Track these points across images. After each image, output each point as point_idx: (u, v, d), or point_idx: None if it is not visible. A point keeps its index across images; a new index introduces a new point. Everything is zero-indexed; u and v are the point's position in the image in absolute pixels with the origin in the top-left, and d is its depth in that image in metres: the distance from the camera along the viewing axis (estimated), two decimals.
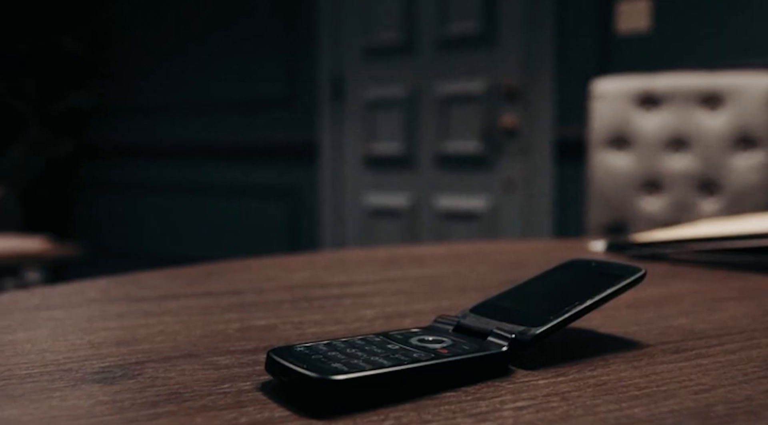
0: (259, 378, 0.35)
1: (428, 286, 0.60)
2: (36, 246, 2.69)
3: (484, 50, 2.71)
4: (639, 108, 1.63)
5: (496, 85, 2.69)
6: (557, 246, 0.84)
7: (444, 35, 2.80)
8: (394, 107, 2.94)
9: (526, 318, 0.40)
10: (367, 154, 3.03)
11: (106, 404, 0.32)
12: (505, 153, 2.69)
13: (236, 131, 3.42)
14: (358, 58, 3.03)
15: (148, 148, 3.75)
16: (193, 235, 3.63)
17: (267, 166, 3.33)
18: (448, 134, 2.81)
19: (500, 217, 2.72)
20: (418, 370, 0.33)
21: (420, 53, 2.87)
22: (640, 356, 0.39)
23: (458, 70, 2.77)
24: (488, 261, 0.73)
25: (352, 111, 3.06)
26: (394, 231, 2.97)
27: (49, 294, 0.57)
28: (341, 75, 3.07)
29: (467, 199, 2.79)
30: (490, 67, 2.69)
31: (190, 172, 3.61)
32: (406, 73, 2.90)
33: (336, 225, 3.14)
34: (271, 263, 0.73)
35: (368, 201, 3.04)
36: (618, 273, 0.43)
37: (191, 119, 3.58)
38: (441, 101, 2.82)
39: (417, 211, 2.92)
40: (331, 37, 3.07)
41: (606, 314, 0.50)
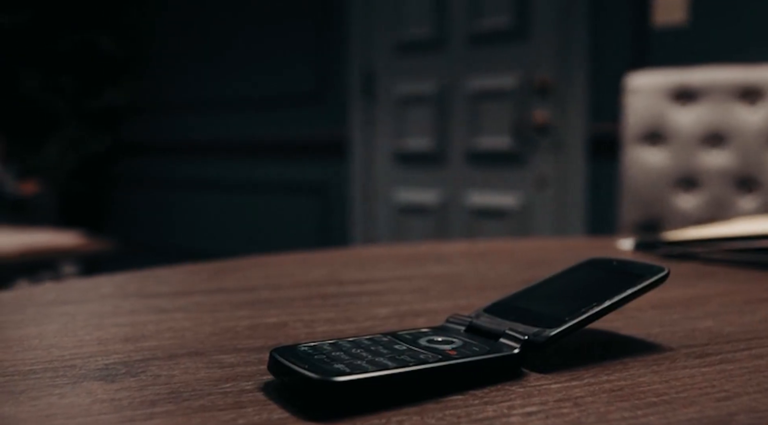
0: (262, 378, 0.35)
1: (446, 284, 0.59)
2: (71, 241, 2.74)
3: (517, 45, 2.67)
4: (674, 103, 1.59)
5: (528, 80, 2.65)
6: (584, 245, 0.82)
7: (476, 30, 2.78)
8: (424, 103, 2.93)
9: (541, 319, 0.38)
10: (397, 150, 3.02)
11: (105, 402, 0.31)
12: (537, 149, 2.65)
13: (267, 128, 3.43)
14: (389, 54, 3.01)
15: (181, 145, 3.79)
16: (224, 231, 3.66)
17: (298, 162, 3.34)
18: (480, 130, 2.78)
19: (532, 215, 2.68)
20: (424, 372, 0.32)
21: (451, 48, 2.85)
22: (661, 360, 0.37)
23: (490, 65, 2.74)
24: (511, 259, 0.72)
25: (383, 107, 3.05)
26: (425, 229, 2.96)
27: (64, 289, 0.57)
28: (372, 71, 3.06)
29: (498, 196, 2.76)
30: (523, 61, 2.66)
31: (221, 168, 3.64)
32: (437, 69, 2.88)
33: (366, 222, 3.14)
34: (291, 260, 0.72)
35: (398, 198, 3.03)
36: (640, 273, 0.41)
37: (223, 116, 3.61)
38: (472, 97, 2.79)
39: (447, 208, 2.90)
40: (362, 32, 3.06)
41: (629, 315, 0.48)
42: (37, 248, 2.61)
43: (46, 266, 2.65)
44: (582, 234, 2.55)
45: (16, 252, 2.52)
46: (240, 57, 3.52)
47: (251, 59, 3.47)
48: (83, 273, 2.77)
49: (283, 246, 3.39)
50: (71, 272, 2.73)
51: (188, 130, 3.77)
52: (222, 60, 3.59)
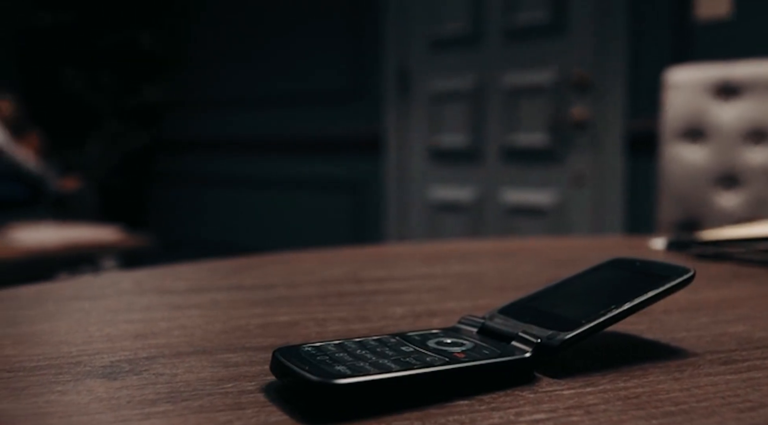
0: (265, 379, 0.34)
1: (467, 284, 0.57)
2: (110, 236, 2.79)
3: (554, 40, 2.63)
4: (716, 98, 1.55)
5: (565, 75, 2.61)
6: (615, 244, 0.79)
7: (512, 25, 2.74)
8: (460, 99, 2.90)
9: (557, 321, 0.36)
10: (432, 147, 3.00)
11: (104, 401, 0.31)
12: (574, 146, 2.60)
13: (303, 125, 3.44)
14: (424, 50, 2.99)
15: (219, 141, 3.83)
16: (260, 227, 3.69)
17: (333, 159, 3.35)
18: (516, 127, 2.75)
19: (568, 213, 2.64)
20: (428, 376, 0.31)
21: (487, 44, 2.82)
22: (684, 366, 0.36)
23: (526, 61, 2.71)
24: (537, 258, 0.70)
25: (418, 104, 3.03)
26: (459, 226, 2.93)
27: (84, 284, 0.57)
28: (407, 67, 3.04)
29: (534, 194, 2.72)
30: (560, 57, 2.62)
31: (258, 164, 3.67)
32: (473, 64, 2.86)
33: (400, 219, 3.13)
34: (313, 257, 0.71)
35: (433, 195, 3.01)
36: (664, 274, 0.39)
37: (259, 113, 3.63)
38: (508, 93, 2.76)
39: (482, 205, 2.87)
40: (397, 28, 3.05)
41: (654, 318, 0.46)
42: (78, 243, 2.66)
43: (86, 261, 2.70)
44: (620, 233, 2.50)
45: (58, 247, 2.57)
46: (277, 54, 3.53)
47: (287, 56, 3.49)
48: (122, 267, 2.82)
49: (317, 242, 3.40)
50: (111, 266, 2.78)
51: (225, 126, 3.80)
52: (259, 57, 3.61)
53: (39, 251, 2.51)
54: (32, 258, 2.47)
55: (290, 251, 0.73)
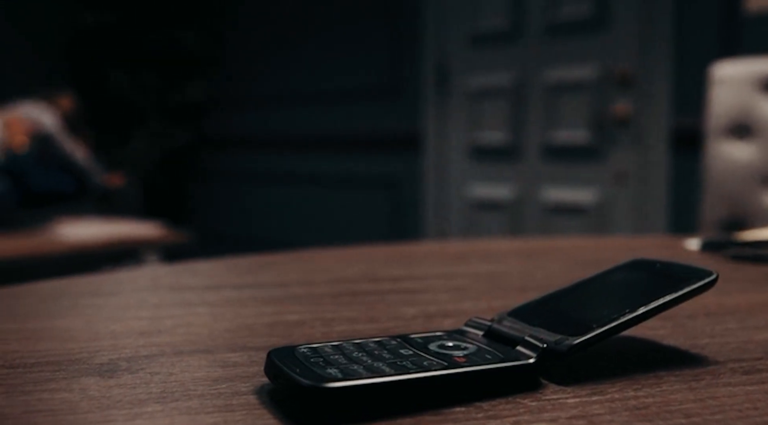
0: (261, 380, 0.33)
1: (487, 284, 0.56)
2: (152, 232, 2.83)
3: (596, 34, 2.57)
4: (764, 93, 1.49)
5: (608, 71, 2.55)
6: (647, 244, 0.77)
7: (553, 20, 2.69)
8: (500, 96, 2.86)
9: (567, 325, 0.35)
10: (471, 144, 2.97)
11: (94, 400, 0.30)
12: (616, 143, 2.55)
13: (342, 122, 3.45)
14: (464, 46, 2.96)
15: (259, 139, 3.86)
16: (299, 224, 3.71)
17: (371, 156, 3.34)
18: (557, 123, 2.70)
19: (610, 211, 2.58)
20: (423, 381, 0.30)
21: (528, 39, 2.77)
22: (702, 375, 0.34)
23: (568, 57, 2.66)
24: (563, 258, 0.68)
25: (457, 100, 3.00)
26: (498, 225, 2.90)
27: (103, 280, 0.57)
28: (446, 64, 3.02)
29: (575, 192, 2.67)
30: (603, 52, 2.56)
31: (297, 161, 3.69)
32: (513, 61, 2.82)
33: (439, 217, 3.11)
34: (333, 255, 0.71)
35: (472, 192, 2.98)
36: (684, 277, 0.37)
37: (299, 110, 3.65)
38: (549, 89, 2.71)
39: (522, 203, 2.83)
40: (436, 24, 3.02)
41: (677, 322, 0.44)
42: (120, 238, 2.71)
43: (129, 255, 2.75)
44: (663, 233, 2.44)
45: (101, 242, 2.63)
46: (316, 52, 3.54)
47: (327, 54, 3.49)
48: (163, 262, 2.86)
49: (356, 240, 3.41)
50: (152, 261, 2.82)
51: (265, 124, 3.83)
52: (298, 55, 3.63)
53: (83, 246, 2.56)
54: (76, 253, 2.52)
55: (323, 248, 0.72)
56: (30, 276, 0.58)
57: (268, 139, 3.82)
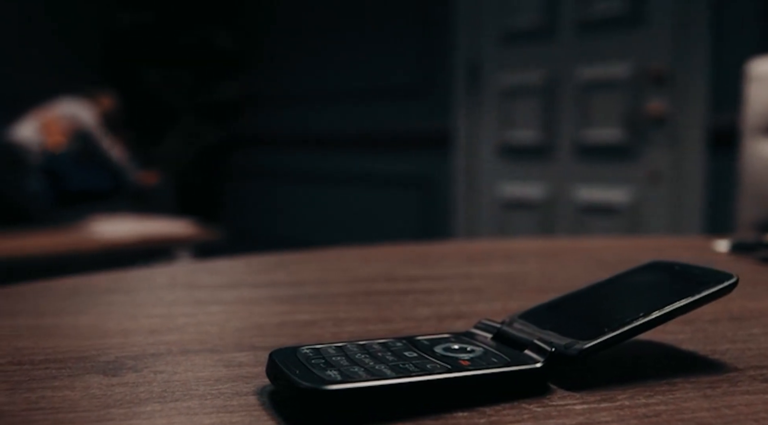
0: (264, 380, 0.33)
1: (505, 285, 0.55)
2: (184, 230, 2.87)
3: (631, 31, 2.53)
4: None
5: (642, 68, 2.51)
6: (674, 245, 0.75)
7: (587, 17, 2.65)
8: (532, 94, 2.83)
9: (578, 328, 0.34)
10: (502, 142, 2.95)
11: (95, 398, 0.30)
12: (651, 142, 2.50)
13: (373, 120, 3.45)
14: (496, 44, 2.94)
15: (290, 137, 3.88)
16: (330, 222, 3.71)
17: (402, 154, 3.33)
18: (589, 122, 2.66)
19: (644, 211, 2.54)
20: (423, 384, 0.29)
21: (560, 37, 2.74)
22: (719, 382, 0.32)
23: (601, 54, 2.62)
24: (586, 259, 0.66)
25: (489, 98, 2.98)
26: (529, 224, 2.87)
27: (120, 278, 0.57)
28: (478, 62, 2.99)
29: (608, 192, 2.63)
30: (637, 49, 2.52)
31: (328, 160, 3.70)
32: (546, 58, 2.78)
33: (469, 216, 3.08)
34: (354, 253, 0.70)
35: (503, 192, 2.96)
36: (702, 280, 0.36)
37: (330, 109, 3.65)
38: (582, 87, 2.68)
39: (554, 203, 2.80)
40: (467, 22, 3.00)
41: (698, 327, 0.42)
42: (153, 236, 2.75)
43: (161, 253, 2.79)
44: (698, 234, 2.39)
45: (134, 240, 2.66)
46: (347, 50, 3.55)
47: (358, 52, 3.50)
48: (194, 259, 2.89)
49: (385, 239, 3.40)
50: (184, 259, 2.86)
51: (297, 123, 3.85)
52: (330, 54, 3.64)
53: (117, 243, 2.60)
54: (110, 251, 2.56)
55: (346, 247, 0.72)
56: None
57: (299, 137, 3.84)
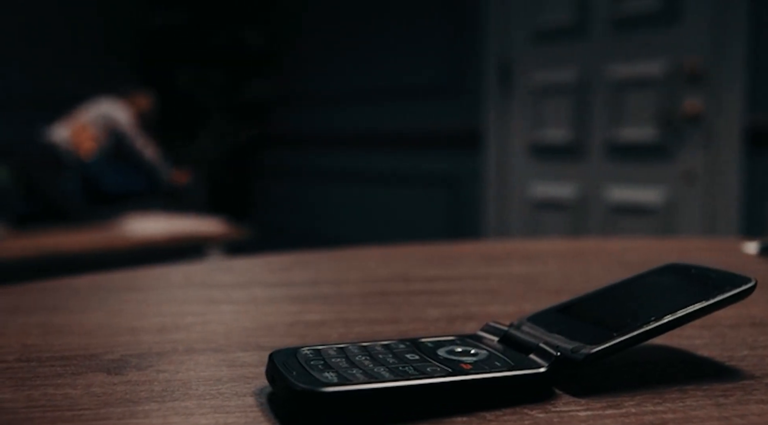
0: (265, 381, 0.32)
1: (521, 286, 0.54)
2: (214, 228, 2.89)
3: (665, 28, 2.48)
4: None
5: (677, 66, 2.46)
6: (701, 246, 0.73)
7: (619, 14, 2.61)
8: (563, 93, 2.80)
9: (587, 332, 0.33)
10: (533, 142, 2.92)
11: (95, 396, 0.30)
12: (685, 141, 2.45)
13: (403, 119, 3.44)
14: (527, 42, 2.91)
15: (321, 136, 3.89)
16: (359, 221, 3.72)
17: (432, 153, 3.32)
18: (622, 121, 2.62)
19: (678, 212, 2.49)
20: (422, 388, 0.28)
21: (593, 35, 2.70)
22: (732, 390, 0.31)
23: (635, 52, 2.57)
24: (608, 260, 0.65)
25: (519, 97, 2.95)
26: (560, 224, 2.83)
27: (136, 276, 0.58)
28: (508, 60, 2.97)
29: (641, 192, 2.59)
30: (672, 47, 2.47)
31: (358, 159, 3.70)
32: (578, 57, 2.75)
33: (499, 216, 3.06)
34: (373, 253, 0.70)
35: (534, 191, 2.93)
36: (718, 284, 0.34)
37: (360, 107, 3.66)
38: (615, 85, 2.63)
39: (585, 203, 2.76)
40: (498, 20, 2.98)
41: (717, 332, 0.41)
42: (185, 234, 2.78)
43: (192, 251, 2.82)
44: (734, 235, 2.33)
45: (166, 238, 2.70)
46: (378, 49, 3.55)
47: (389, 51, 3.49)
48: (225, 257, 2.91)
49: (414, 238, 3.39)
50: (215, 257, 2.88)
51: (328, 122, 3.86)
52: (360, 53, 3.64)
53: (149, 241, 2.64)
54: (142, 248, 2.60)
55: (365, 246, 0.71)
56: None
57: (330, 136, 3.85)
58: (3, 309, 0.46)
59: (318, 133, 3.93)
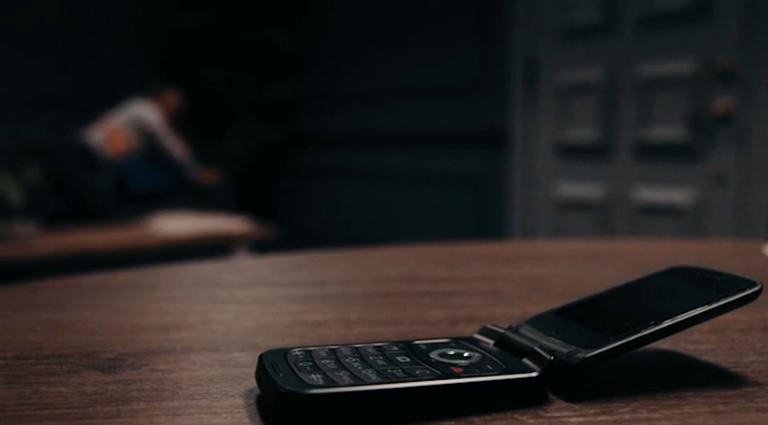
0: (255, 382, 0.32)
1: (529, 288, 0.53)
2: (241, 227, 2.91)
3: (695, 26, 2.44)
4: None
5: (708, 64, 2.41)
6: (720, 248, 0.71)
7: (648, 11, 2.57)
8: (590, 92, 2.76)
9: (584, 336, 0.32)
10: (560, 141, 2.89)
11: (85, 395, 0.30)
12: (716, 141, 2.41)
13: (429, 119, 3.43)
14: (553, 41, 2.88)
15: (347, 136, 3.90)
16: (384, 221, 3.72)
17: (457, 153, 3.31)
18: (651, 120, 2.58)
19: (708, 213, 2.44)
20: (408, 391, 0.28)
21: (621, 33, 2.66)
22: (734, 398, 0.30)
23: (664, 50, 2.53)
24: (622, 262, 0.64)
25: (546, 96, 2.92)
26: (587, 225, 2.80)
27: (146, 275, 0.58)
28: (535, 58, 2.94)
29: (670, 193, 2.54)
30: (702, 44, 2.42)
31: (384, 158, 3.70)
32: (605, 55, 2.71)
33: (525, 216, 3.03)
34: (381, 254, 0.69)
35: (560, 192, 2.90)
36: (723, 287, 0.33)
37: (386, 107, 3.65)
38: (643, 84, 2.59)
39: (613, 203, 2.72)
40: (524, 19, 2.95)
41: (725, 336, 0.40)
42: (211, 233, 2.80)
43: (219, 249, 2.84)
44: (765, 237, 2.28)
45: (192, 237, 2.72)
46: (404, 49, 3.54)
47: (415, 50, 3.48)
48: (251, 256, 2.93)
49: (440, 237, 3.38)
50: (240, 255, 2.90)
51: (354, 121, 3.87)
52: (386, 52, 3.64)
53: (176, 240, 2.66)
54: (169, 247, 2.62)
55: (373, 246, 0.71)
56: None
57: (356, 136, 3.85)
58: (12, 306, 0.47)
59: (344, 133, 3.93)
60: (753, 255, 0.66)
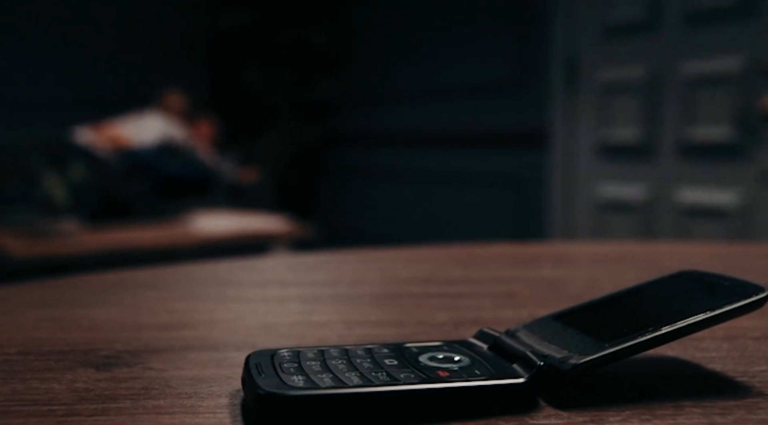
0: None
1: (543, 291, 0.52)
2: (279, 226, 2.94)
3: (742, 23, 2.37)
4: None
5: (755, 62, 2.34)
6: (747, 252, 0.69)
7: (693, 8, 2.51)
8: (633, 90, 2.71)
9: (580, 341, 0.31)
10: (601, 141, 2.83)
11: (75, 392, 0.31)
12: (764, 141, 2.33)
13: (467, 118, 3.40)
14: (594, 39, 2.83)
15: (386, 136, 3.90)
16: (422, 221, 3.70)
17: (496, 153, 3.28)
18: (695, 120, 2.51)
19: (755, 215, 2.37)
20: (388, 395, 0.27)
21: (665, 30, 2.60)
22: (734, 409, 0.29)
23: (709, 48, 2.46)
24: (644, 265, 0.62)
25: (587, 96, 2.87)
26: (628, 226, 2.74)
27: (162, 273, 0.59)
28: (575, 57, 2.89)
29: (715, 194, 2.48)
30: (749, 42, 2.35)
31: (422, 158, 3.69)
32: (648, 53, 2.65)
33: (565, 217, 2.99)
34: (400, 254, 0.69)
35: (601, 192, 2.85)
36: (729, 293, 0.32)
37: (425, 107, 3.64)
38: (687, 83, 2.53)
39: (655, 205, 2.66)
40: (565, 15, 2.91)
41: (738, 343, 0.38)
42: (250, 231, 2.83)
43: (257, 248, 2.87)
44: None
45: (230, 235, 2.76)
46: (443, 47, 3.52)
47: (454, 49, 3.46)
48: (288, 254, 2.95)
49: (478, 238, 3.35)
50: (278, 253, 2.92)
51: (393, 121, 3.86)
52: (425, 51, 3.62)
53: (214, 238, 2.70)
54: (208, 245, 2.66)
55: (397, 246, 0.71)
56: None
57: (395, 136, 3.85)
58: (24, 303, 0.48)
59: (383, 133, 3.94)
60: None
